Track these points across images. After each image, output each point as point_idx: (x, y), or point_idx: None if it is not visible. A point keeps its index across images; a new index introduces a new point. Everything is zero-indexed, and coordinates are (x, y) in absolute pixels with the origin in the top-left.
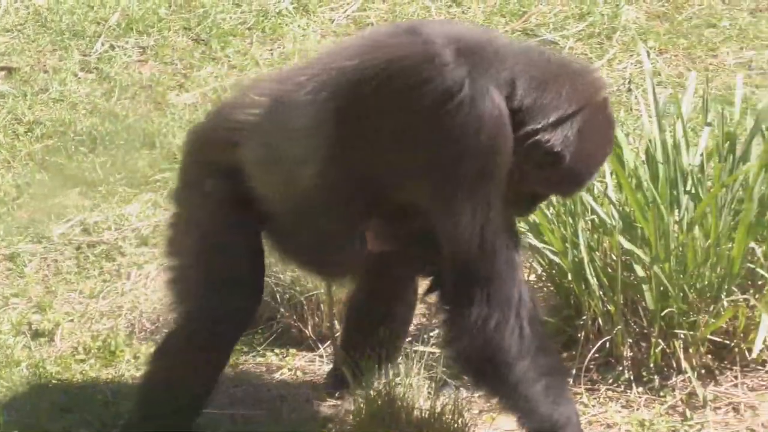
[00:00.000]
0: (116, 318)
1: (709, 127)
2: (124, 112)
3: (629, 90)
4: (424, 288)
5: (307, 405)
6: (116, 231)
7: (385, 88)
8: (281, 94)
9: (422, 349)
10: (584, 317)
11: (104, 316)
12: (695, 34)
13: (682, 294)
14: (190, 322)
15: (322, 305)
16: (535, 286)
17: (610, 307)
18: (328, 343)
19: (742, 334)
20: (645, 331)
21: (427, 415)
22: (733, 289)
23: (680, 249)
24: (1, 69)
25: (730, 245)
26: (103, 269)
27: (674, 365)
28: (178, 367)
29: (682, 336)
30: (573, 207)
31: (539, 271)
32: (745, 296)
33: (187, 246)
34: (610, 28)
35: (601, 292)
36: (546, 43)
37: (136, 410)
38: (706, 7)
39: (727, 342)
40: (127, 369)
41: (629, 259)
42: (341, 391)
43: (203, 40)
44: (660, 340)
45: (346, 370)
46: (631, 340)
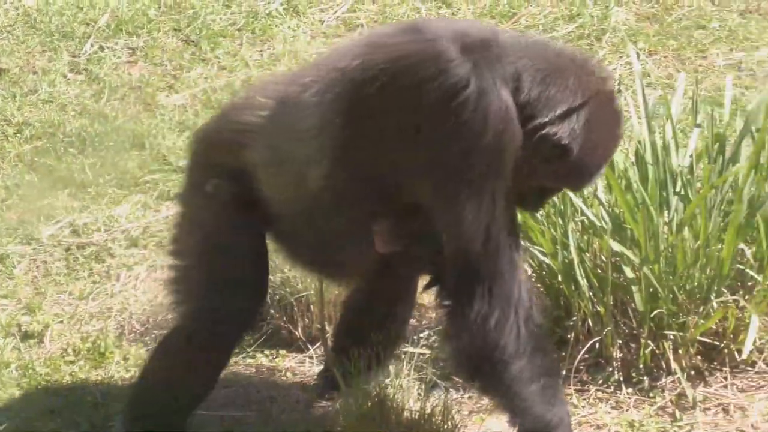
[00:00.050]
0: (106, 319)
1: (699, 129)
2: (113, 113)
3: (619, 91)
4: (424, 284)
5: (297, 406)
6: (106, 232)
7: (390, 86)
8: (287, 95)
9: (412, 350)
10: (574, 318)
11: (94, 318)
12: (685, 35)
13: (671, 295)
14: (192, 321)
15: (312, 306)
16: None
17: (600, 308)
18: (318, 344)
19: (731, 335)
20: (635, 332)
21: (417, 416)
22: (723, 290)
23: (670, 250)
24: None
25: (719, 246)
26: (92, 271)
27: (664, 366)
28: (177, 367)
29: (672, 337)
30: (563, 208)
31: (529, 272)
32: (734, 297)
33: (191, 246)
34: (600, 30)
35: (590, 293)
36: None
37: (130, 408)
38: (695, 9)
39: (717, 343)
40: (116, 370)
41: (619, 261)
42: (331, 392)
43: (193, 41)
44: (649, 341)
45: (337, 371)
46: (620, 341)
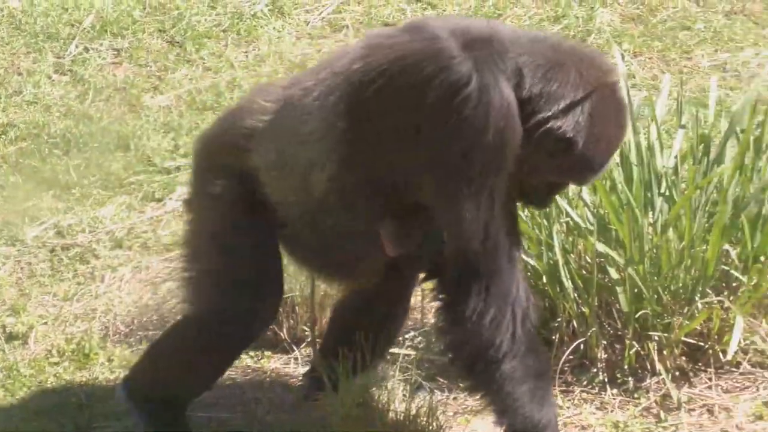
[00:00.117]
0: (90, 321)
1: (684, 130)
2: (98, 114)
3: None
4: (422, 277)
5: (283, 407)
6: (90, 234)
7: (392, 86)
8: (290, 99)
9: (397, 351)
10: (559, 319)
11: (78, 319)
12: (670, 36)
13: (656, 296)
14: (202, 318)
15: (297, 308)
16: None
17: (585, 309)
18: (304, 345)
19: (716, 336)
20: (619, 333)
21: (402, 418)
22: (708, 291)
23: (654, 251)
24: None
25: (704, 247)
26: (77, 272)
27: (648, 367)
28: (185, 353)
29: (657, 338)
30: (547, 209)
31: None
32: (719, 298)
33: (200, 249)
34: (585, 31)
35: (575, 295)
36: None
37: (134, 379)
38: (680, 10)
39: (702, 344)
40: (101, 372)
41: (603, 262)
42: (317, 393)
43: (178, 43)
44: (634, 342)
45: (324, 372)
46: (605, 342)
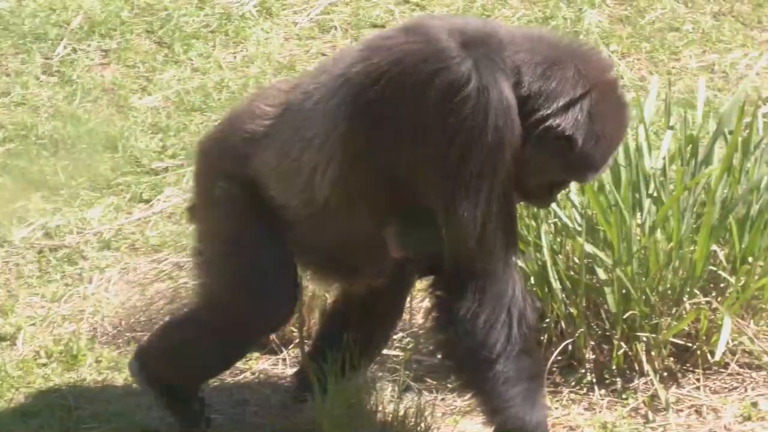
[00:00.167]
0: (78, 322)
1: (672, 131)
2: (86, 115)
3: None
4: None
5: (271, 408)
6: (78, 235)
7: (393, 87)
8: (291, 103)
9: (386, 352)
10: (547, 320)
11: (66, 320)
12: (658, 37)
13: (644, 297)
14: (214, 315)
15: None
16: None
17: (573, 310)
18: (292, 346)
19: (704, 337)
20: (607, 333)
21: (390, 418)
22: (695, 291)
23: (642, 252)
24: None
25: (692, 248)
26: (65, 273)
27: (636, 368)
28: (197, 341)
29: (645, 339)
30: (536, 210)
31: None
32: (707, 299)
33: (213, 256)
34: (573, 32)
35: (563, 295)
36: None
37: (146, 354)
38: (668, 11)
39: (690, 345)
40: (89, 373)
41: (592, 263)
42: (305, 394)
43: (166, 43)
44: (622, 343)
45: (313, 373)
46: (593, 343)
